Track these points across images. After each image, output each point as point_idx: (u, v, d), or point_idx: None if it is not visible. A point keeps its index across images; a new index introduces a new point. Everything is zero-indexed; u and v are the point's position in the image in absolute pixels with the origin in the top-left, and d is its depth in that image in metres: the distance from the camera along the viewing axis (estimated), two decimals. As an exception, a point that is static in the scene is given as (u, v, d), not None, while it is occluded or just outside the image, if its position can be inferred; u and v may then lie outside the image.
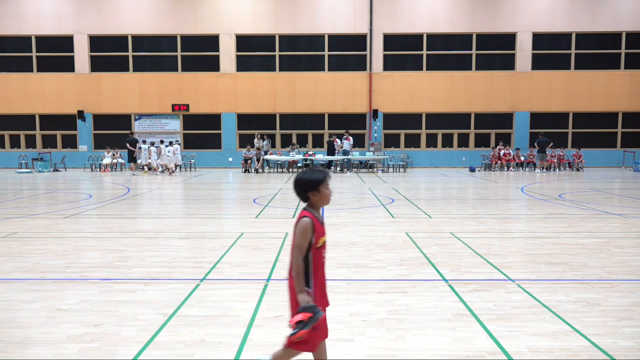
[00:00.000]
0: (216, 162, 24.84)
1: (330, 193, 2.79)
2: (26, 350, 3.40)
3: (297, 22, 24.08)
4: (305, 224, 2.65)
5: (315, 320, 2.55)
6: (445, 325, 3.83)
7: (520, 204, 11.42)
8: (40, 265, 5.65)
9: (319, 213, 2.78)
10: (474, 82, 24.43)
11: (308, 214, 2.69)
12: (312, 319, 2.54)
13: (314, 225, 2.66)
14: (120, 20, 24.13)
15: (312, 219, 2.66)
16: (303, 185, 2.73)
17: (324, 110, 24.66)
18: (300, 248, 2.66)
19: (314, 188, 2.72)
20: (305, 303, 2.59)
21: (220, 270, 5.41)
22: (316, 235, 2.67)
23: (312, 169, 2.86)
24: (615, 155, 24.65)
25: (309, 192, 2.73)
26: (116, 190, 14.13)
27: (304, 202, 2.79)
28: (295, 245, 2.68)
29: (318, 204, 2.77)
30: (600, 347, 3.43)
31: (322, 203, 2.77)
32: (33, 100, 24.57)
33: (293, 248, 2.69)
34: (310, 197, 2.74)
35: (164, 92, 24.59)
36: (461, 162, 24.54)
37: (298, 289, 2.64)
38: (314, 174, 2.75)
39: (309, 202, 2.76)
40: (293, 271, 2.68)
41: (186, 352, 3.37)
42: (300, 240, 2.65)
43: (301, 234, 2.65)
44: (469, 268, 5.47)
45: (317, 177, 2.73)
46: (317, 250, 2.71)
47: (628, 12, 23.87)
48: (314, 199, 2.74)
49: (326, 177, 2.76)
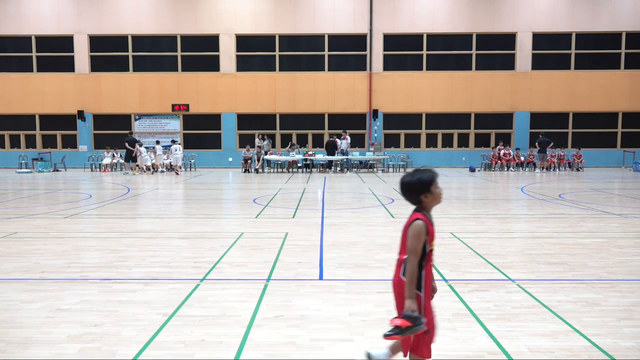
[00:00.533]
0: (216, 162, 24.84)
1: (441, 192, 2.68)
2: (26, 350, 3.40)
3: (297, 22, 24.08)
4: (419, 227, 2.56)
5: (413, 332, 2.48)
6: (445, 325, 3.82)
7: (520, 204, 11.42)
8: (40, 265, 5.65)
9: (430, 214, 2.69)
10: (474, 82, 24.43)
11: (421, 216, 2.60)
12: (410, 329, 2.47)
13: (427, 227, 2.58)
14: (120, 20, 24.14)
15: (425, 222, 2.58)
16: (414, 188, 2.63)
17: (324, 110, 24.67)
18: (415, 252, 2.56)
19: (425, 189, 2.62)
20: (410, 311, 2.51)
21: (220, 270, 5.41)
22: (429, 238, 2.60)
23: (417, 169, 2.70)
24: (615, 155, 24.65)
25: (421, 195, 2.63)
26: (116, 190, 14.13)
27: (414, 205, 2.69)
28: (409, 249, 2.57)
29: (430, 205, 2.66)
30: (600, 347, 3.43)
31: (434, 203, 2.66)
32: (33, 100, 24.58)
33: (409, 253, 2.58)
34: (422, 199, 2.63)
35: (164, 92, 24.60)
36: (461, 162, 24.54)
37: (408, 294, 2.55)
38: (423, 175, 2.63)
39: (420, 204, 2.65)
40: (406, 275, 2.57)
41: (186, 352, 3.37)
42: (415, 244, 2.56)
43: (415, 237, 2.55)
44: (469, 268, 5.47)
45: (427, 177, 2.63)
46: (429, 253, 2.63)
47: (628, 12, 23.88)
48: (426, 200, 2.63)
49: (435, 176, 2.65)
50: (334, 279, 5.07)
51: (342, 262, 5.74)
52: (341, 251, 6.30)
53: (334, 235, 7.33)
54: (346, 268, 5.50)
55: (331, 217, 9.05)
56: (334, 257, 5.99)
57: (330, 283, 4.94)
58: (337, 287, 4.78)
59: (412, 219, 2.61)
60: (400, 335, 2.48)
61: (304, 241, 6.90)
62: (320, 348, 3.44)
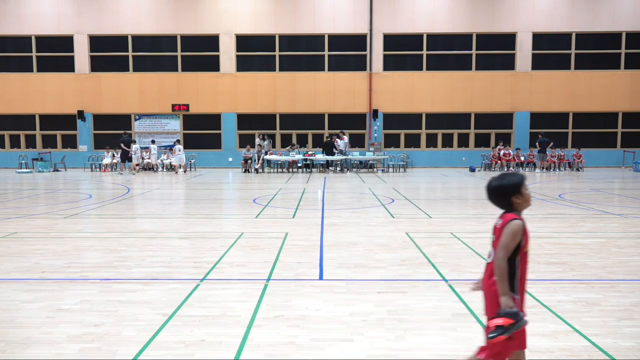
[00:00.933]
0: (216, 162, 24.84)
1: (530, 193, 2.69)
2: (26, 350, 3.40)
3: (297, 22, 24.08)
4: (518, 226, 2.55)
5: (518, 327, 2.44)
6: (445, 325, 3.83)
7: (520, 204, 11.40)
8: (40, 265, 5.65)
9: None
10: (474, 82, 24.43)
11: (517, 216, 2.60)
12: (514, 326, 2.43)
13: (524, 228, 2.58)
14: (120, 20, 24.14)
15: (523, 222, 2.57)
16: (506, 191, 2.64)
17: (324, 110, 24.66)
18: (507, 248, 2.54)
19: (517, 192, 2.62)
20: (508, 307, 2.46)
21: (220, 270, 5.41)
22: (525, 239, 2.59)
23: (504, 173, 2.73)
24: (615, 155, 24.65)
25: (512, 197, 2.63)
26: (116, 190, 14.13)
27: (503, 208, 2.68)
28: (502, 244, 2.55)
29: (521, 208, 2.66)
30: (600, 347, 3.43)
31: (525, 206, 2.67)
32: (33, 100, 24.57)
33: (499, 248, 2.57)
34: (514, 201, 2.63)
35: (164, 92, 24.60)
36: (461, 162, 24.54)
37: (501, 291, 2.51)
38: (513, 178, 2.65)
39: (511, 207, 2.65)
40: (496, 272, 2.55)
41: (186, 352, 3.37)
42: (509, 241, 2.54)
43: (512, 235, 2.54)
44: (469, 268, 5.47)
45: (517, 180, 2.64)
46: (525, 255, 2.62)
47: (628, 12, 23.87)
48: (518, 202, 2.63)
49: (524, 178, 2.66)
50: (334, 279, 5.08)
51: (342, 262, 5.74)
52: (341, 251, 6.30)
53: (334, 235, 7.33)
54: (346, 268, 5.50)
55: (331, 217, 9.05)
56: (334, 257, 5.99)
57: (330, 283, 4.94)
58: (337, 287, 4.78)
59: (507, 219, 2.60)
60: (504, 335, 2.43)
61: (304, 241, 6.90)
62: (320, 348, 3.44)
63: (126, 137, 21.42)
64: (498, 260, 2.54)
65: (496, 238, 2.65)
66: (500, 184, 2.66)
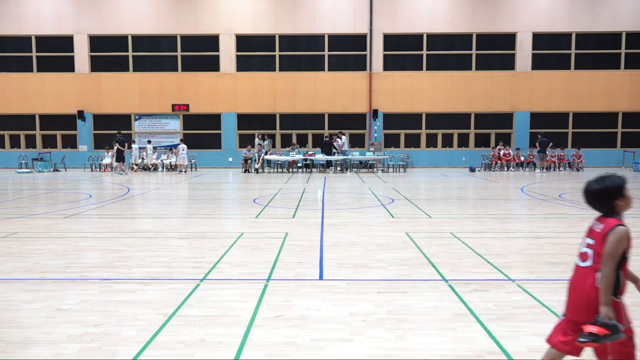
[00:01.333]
0: (216, 162, 24.84)
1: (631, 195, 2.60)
2: (26, 350, 3.40)
3: (297, 22, 24.08)
4: (623, 233, 2.47)
5: (612, 340, 2.39)
6: (445, 325, 3.83)
7: (520, 204, 11.42)
8: (40, 265, 5.65)
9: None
10: (474, 82, 24.43)
11: (621, 222, 2.51)
12: (608, 338, 2.38)
13: (629, 234, 2.50)
14: (120, 20, 24.14)
15: (627, 228, 2.49)
16: (609, 194, 2.54)
17: (324, 110, 24.66)
18: (614, 257, 2.47)
19: (620, 194, 2.53)
20: (607, 318, 2.41)
21: (220, 270, 5.40)
22: (629, 245, 2.50)
23: (603, 175, 2.62)
24: (615, 155, 24.65)
25: (616, 199, 2.54)
26: (116, 190, 14.13)
27: (604, 212, 2.60)
28: (608, 254, 2.48)
29: (623, 210, 2.57)
30: (601, 347, 3.42)
31: (627, 208, 2.58)
32: (33, 100, 24.58)
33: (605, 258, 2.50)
34: (617, 203, 2.54)
35: (164, 92, 24.60)
36: (461, 162, 24.54)
37: (604, 301, 2.45)
38: (616, 180, 2.55)
39: (613, 210, 2.56)
40: (602, 281, 2.48)
41: (186, 352, 3.37)
42: (615, 249, 2.47)
43: (617, 243, 2.46)
44: (469, 268, 5.47)
45: (620, 182, 2.54)
46: (625, 260, 2.55)
47: (628, 12, 23.88)
48: (621, 204, 2.54)
49: (626, 179, 2.58)
50: (334, 279, 5.07)
51: (342, 262, 5.74)
52: (341, 251, 6.30)
53: (334, 235, 7.33)
54: (346, 268, 5.49)
55: (331, 217, 9.05)
56: (334, 257, 5.99)
57: (330, 283, 4.94)
58: (337, 287, 4.78)
59: (610, 225, 2.52)
60: (595, 343, 2.40)
61: (304, 241, 6.90)
62: (320, 348, 3.44)
63: (120, 137, 21.35)
64: (607, 269, 2.47)
65: (596, 242, 2.56)
66: (603, 187, 2.56)
